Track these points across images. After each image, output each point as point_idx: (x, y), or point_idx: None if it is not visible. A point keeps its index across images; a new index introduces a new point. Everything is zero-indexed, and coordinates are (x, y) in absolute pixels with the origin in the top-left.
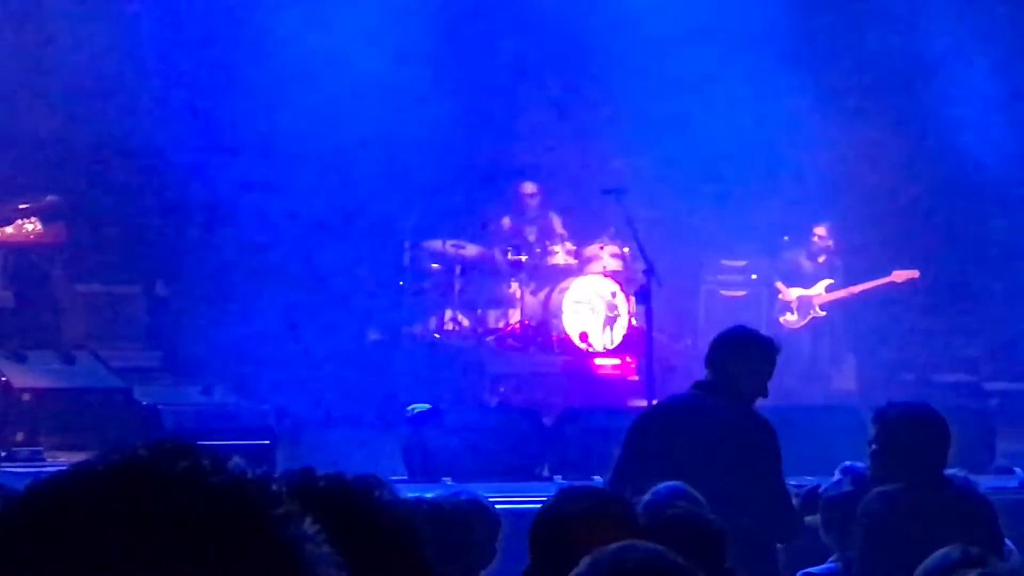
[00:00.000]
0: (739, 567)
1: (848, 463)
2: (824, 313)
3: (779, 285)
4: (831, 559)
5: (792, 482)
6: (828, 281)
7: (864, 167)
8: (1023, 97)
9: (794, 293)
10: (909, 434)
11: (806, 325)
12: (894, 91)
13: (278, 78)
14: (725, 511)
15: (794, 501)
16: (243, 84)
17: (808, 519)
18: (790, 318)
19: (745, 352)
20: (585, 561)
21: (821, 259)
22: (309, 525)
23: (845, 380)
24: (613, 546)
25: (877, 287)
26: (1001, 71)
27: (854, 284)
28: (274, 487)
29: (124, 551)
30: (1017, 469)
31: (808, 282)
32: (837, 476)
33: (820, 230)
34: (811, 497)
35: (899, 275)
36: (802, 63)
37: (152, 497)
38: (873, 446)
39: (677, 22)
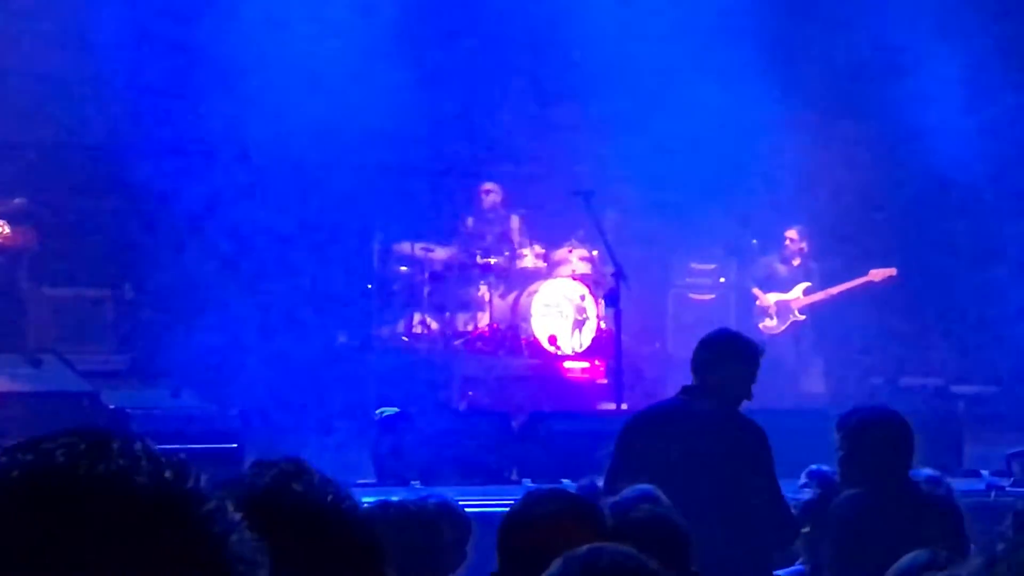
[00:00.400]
0: (734, 572)
1: (815, 467)
2: (803, 317)
3: (756, 291)
4: (798, 562)
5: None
6: (806, 284)
7: (832, 170)
8: (991, 100)
9: (772, 298)
10: (872, 439)
11: (786, 330)
12: (863, 93)
13: (248, 83)
14: (718, 515)
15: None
16: (213, 89)
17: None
18: (769, 323)
19: (730, 355)
20: (556, 563)
21: (796, 262)
22: (232, 514)
23: (814, 383)
24: (583, 548)
25: (855, 287)
26: (969, 73)
27: (831, 286)
28: (193, 477)
29: (50, 564)
30: (984, 472)
31: (785, 286)
32: (804, 480)
33: (792, 233)
34: (810, 508)
35: (876, 274)
36: (772, 66)
37: (74, 506)
38: (840, 452)
39: (645, 23)
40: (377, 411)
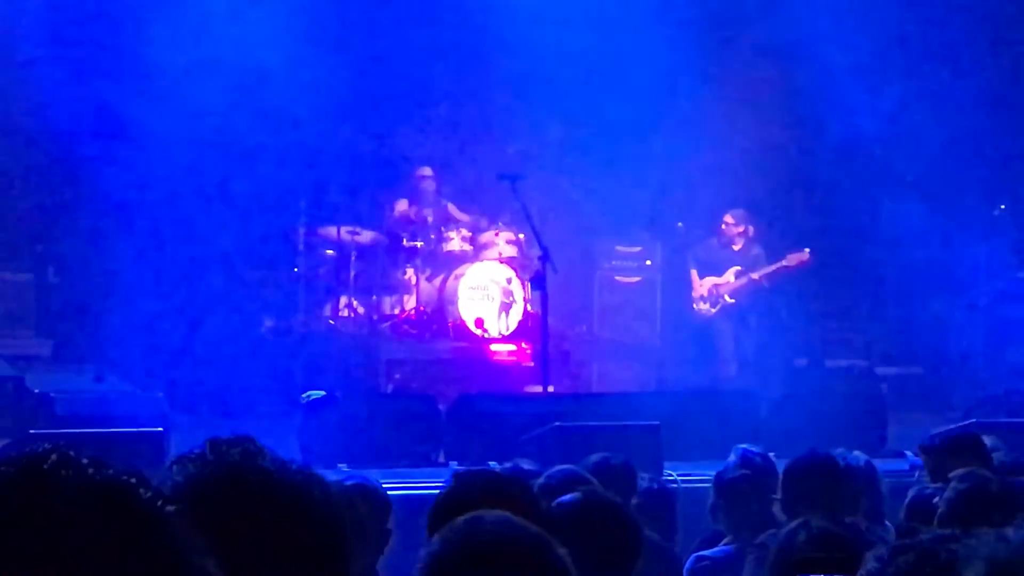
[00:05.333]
0: None
1: (742, 446)
2: (733, 300)
3: (693, 275)
4: (724, 542)
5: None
6: (737, 268)
7: (756, 155)
8: (913, 86)
9: (708, 282)
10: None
11: (718, 313)
12: (784, 79)
13: (175, 65)
14: None
15: None
16: (139, 71)
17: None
18: (703, 307)
19: None
20: (435, 539)
21: (736, 246)
22: (168, 500)
23: (742, 365)
24: (460, 519)
25: (774, 272)
26: (891, 58)
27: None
28: (132, 474)
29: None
30: (908, 452)
31: (723, 270)
32: (732, 459)
33: (728, 217)
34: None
35: (792, 258)
36: (697, 51)
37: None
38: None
39: (573, 8)
40: (303, 395)
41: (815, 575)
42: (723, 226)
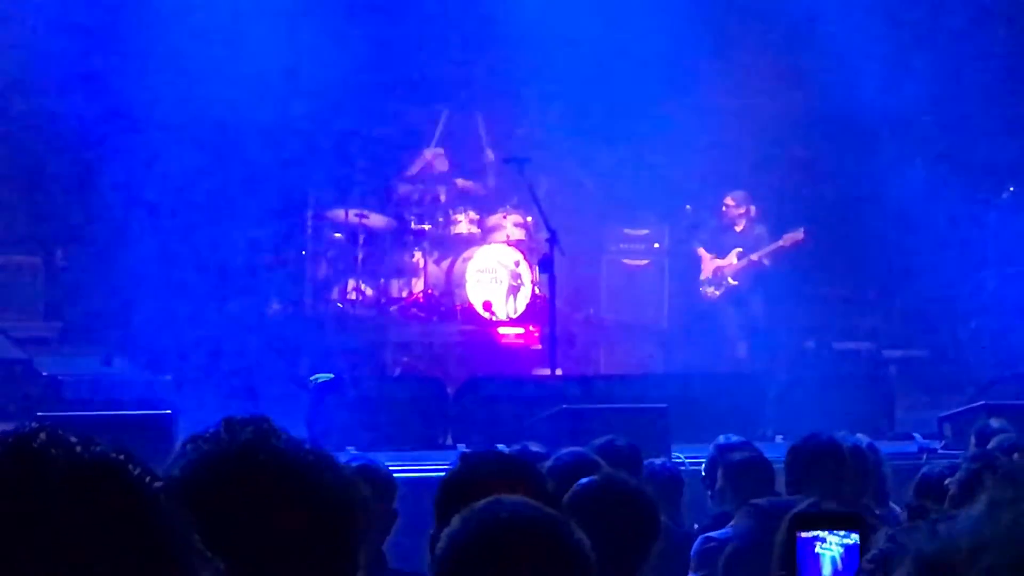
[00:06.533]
0: None
1: (723, 437)
2: (737, 282)
3: (701, 251)
4: (731, 524)
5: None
6: (739, 250)
7: (764, 137)
8: (923, 67)
9: (712, 265)
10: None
11: (724, 295)
12: (792, 58)
13: (180, 47)
14: None
15: None
16: (145, 53)
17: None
18: (708, 290)
19: None
20: (455, 521)
21: (738, 228)
22: (158, 483)
23: (746, 347)
24: (480, 502)
25: (773, 251)
26: (900, 36)
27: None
28: (121, 451)
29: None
30: (916, 435)
31: (725, 252)
32: (712, 451)
33: (729, 199)
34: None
35: (787, 238)
36: (704, 31)
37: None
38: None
39: None
40: (311, 377)
41: (818, 529)
42: (724, 208)
